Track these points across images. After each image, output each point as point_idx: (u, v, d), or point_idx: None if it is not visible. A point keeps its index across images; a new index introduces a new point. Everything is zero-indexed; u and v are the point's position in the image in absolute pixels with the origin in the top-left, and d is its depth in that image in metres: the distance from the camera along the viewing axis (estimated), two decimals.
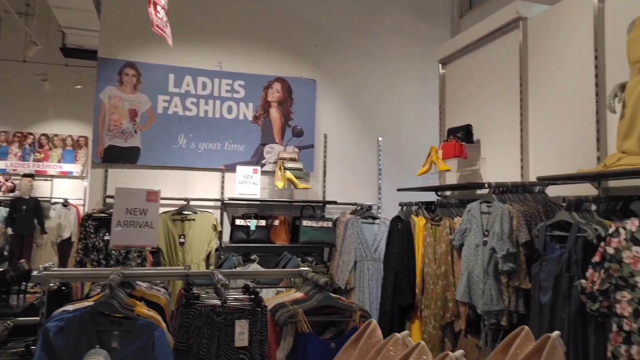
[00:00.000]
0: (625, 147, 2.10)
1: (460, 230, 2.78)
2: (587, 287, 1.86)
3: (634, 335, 1.71)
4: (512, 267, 2.37)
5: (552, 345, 0.90)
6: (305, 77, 4.58)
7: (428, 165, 3.59)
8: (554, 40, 2.90)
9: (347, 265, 3.88)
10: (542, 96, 2.98)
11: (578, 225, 2.04)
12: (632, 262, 1.76)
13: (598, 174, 2.12)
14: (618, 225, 1.85)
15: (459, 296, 2.67)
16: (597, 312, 1.86)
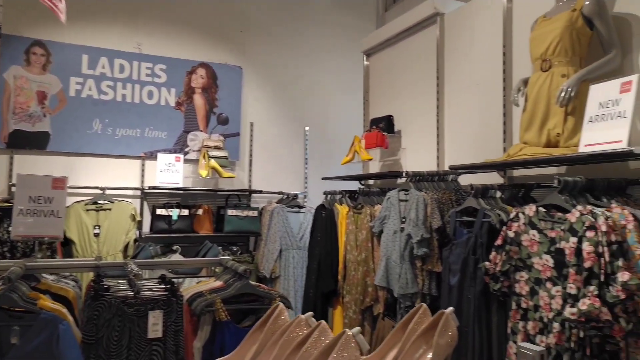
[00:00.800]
0: (526, 138, 2.26)
1: (379, 217, 2.87)
2: (490, 269, 1.99)
3: (530, 312, 1.86)
4: (425, 252, 2.48)
5: (446, 320, 0.95)
6: (231, 63, 4.49)
7: (351, 155, 3.66)
8: (468, 36, 3.05)
9: (273, 254, 3.89)
10: (457, 89, 3.13)
11: (483, 211, 2.17)
12: (529, 244, 1.90)
13: (502, 163, 2.26)
14: (518, 210, 1.99)
15: (377, 281, 2.76)
16: (499, 292, 2.00)
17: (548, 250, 1.81)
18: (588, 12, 2.09)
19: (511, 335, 1.92)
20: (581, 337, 1.63)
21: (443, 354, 0.92)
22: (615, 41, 2.08)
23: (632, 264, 1.59)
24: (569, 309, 1.60)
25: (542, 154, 2.11)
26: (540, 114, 2.18)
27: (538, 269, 1.84)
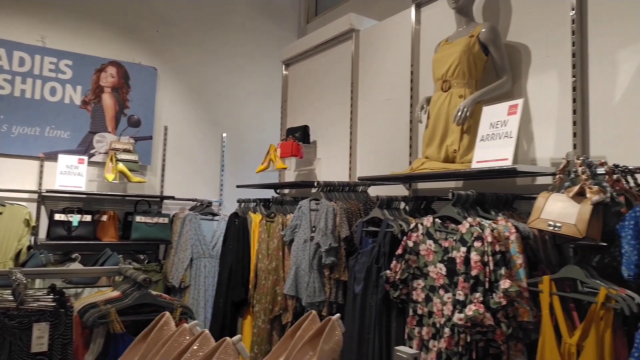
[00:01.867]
0: (427, 153, 2.39)
1: (291, 226, 2.89)
2: (390, 277, 2.07)
3: (425, 318, 1.95)
4: (333, 261, 2.53)
5: (332, 326, 0.97)
6: (145, 63, 4.32)
7: (267, 163, 3.66)
8: (380, 53, 3.18)
9: (183, 262, 3.76)
10: (369, 103, 3.25)
11: (387, 221, 2.26)
12: (426, 253, 2.00)
13: (405, 176, 2.37)
14: (417, 221, 2.09)
15: (286, 290, 2.76)
16: (398, 299, 2.08)
17: (442, 259, 1.92)
18: (484, 39, 2.27)
19: (407, 340, 2.00)
20: (468, 342, 1.75)
21: (327, 359, 0.94)
22: (507, 67, 2.27)
23: (513, 273, 1.73)
24: (457, 315, 1.71)
25: (440, 169, 2.24)
26: (440, 131, 2.31)
27: (433, 277, 1.95)
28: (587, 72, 2.05)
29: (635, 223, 1.42)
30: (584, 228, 1.50)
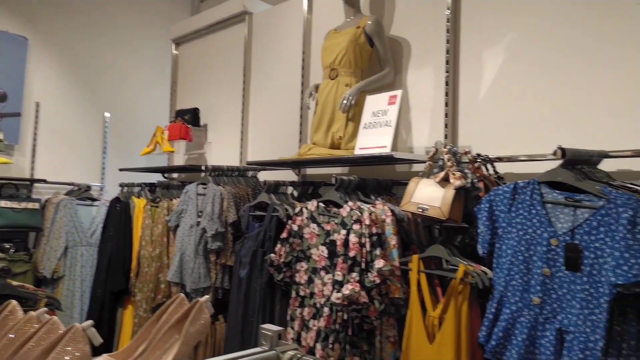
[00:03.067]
0: (315, 139, 2.44)
1: (176, 211, 2.79)
2: (275, 260, 2.09)
3: (307, 299, 2.00)
4: (219, 246, 2.49)
5: (200, 308, 0.96)
6: (13, 32, 3.86)
7: (153, 146, 3.48)
8: (273, 38, 3.17)
9: (56, 251, 3.45)
10: (262, 88, 3.23)
11: (274, 205, 2.27)
12: (310, 237, 2.05)
13: (293, 161, 2.40)
14: (302, 205, 2.13)
15: (170, 277, 2.67)
16: (282, 282, 2.11)
17: (324, 242, 1.98)
18: (369, 30, 2.35)
19: (289, 321, 2.04)
20: (345, 319, 1.83)
21: (193, 341, 0.92)
22: (390, 59, 2.39)
23: (387, 253, 1.84)
24: (335, 294, 1.77)
25: (326, 155, 2.30)
26: (327, 118, 2.37)
27: (315, 259, 2.00)
28: (459, 68, 2.22)
29: (489, 206, 1.58)
30: (447, 210, 1.63)
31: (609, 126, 1.78)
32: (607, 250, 1.30)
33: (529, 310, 1.44)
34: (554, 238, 1.42)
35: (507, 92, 2.06)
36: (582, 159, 1.51)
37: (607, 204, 1.33)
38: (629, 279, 1.23)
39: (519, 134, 2.01)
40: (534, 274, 1.45)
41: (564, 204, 1.43)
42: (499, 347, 1.46)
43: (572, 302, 1.36)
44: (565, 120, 1.89)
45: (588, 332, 1.30)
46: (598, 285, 1.31)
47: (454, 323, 1.58)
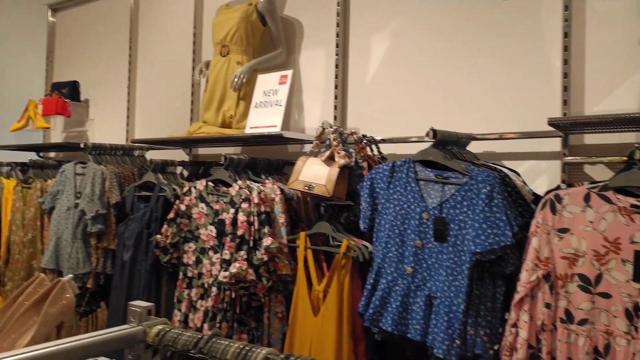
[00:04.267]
0: (205, 118, 2.37)
1: (51, 192, 2.56)
2: (160, 242, 2.02)
3: (194, 280, 1.96)
4: (100, 229, 2.34)
5: (61, 288, 0.89)
6: None
7: (24, 121, 3.15)
8: (163, 12, 3.01)
9: None
10: (150, 63, 3.06)
11: (160, 185, 2.18)
12: (198, 217, 2.01)
13: (182, 139, 2.32)
14: (190, 185, 2.07)
15: (44, 263, 2.46)
16: (169, 264, 2.05)
17: (213, 222, 1.95)
18: (261, 8, 2.33)
19: (177, 303, 1.99)
20: (233, 298, 1.82)
21: (53, 322, 0.86)
22: (282, 39, 2.39)
23: (276, 231, 1.86)
24: (222, 273, 1.76)
25: (216, 133, 2.25)
26: (218, 96, 2.32)
27: (204, 239, 1.97)
28: (348, 51, 2.29)
29: (370, 184, 1.66)
30: (332, 188, 1.69)
31: (477, 111, 1.95)
32: (469, 222, 1.44)
33: (402, 280, 1.55)
34: (425, 212, 1.53)
35: (391, 77, 2.16)
36: (451, 140, 1.64)
37: (470, 181, 1.46)
38: (485, 247, 1.37)
39: (402, 117, 2.13)
40: (407, 246, 1.56)
41: (434, 181, 1.55)
42: (376, 315, 1.56)
43: (439, 270, 1.49)
44: (442, 105, 2.04)
45: (452, 297, 1.44)
46: (461, 254, 1.44)
47: (336, 295, 1.65)
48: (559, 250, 1.30)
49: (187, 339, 0.76)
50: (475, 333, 1.40)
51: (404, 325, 1.52)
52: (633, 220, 1.22)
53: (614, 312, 1.22)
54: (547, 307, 1.29)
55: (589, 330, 1.24)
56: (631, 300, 1.20)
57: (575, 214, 1.30)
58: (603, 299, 1.23)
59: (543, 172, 1.81)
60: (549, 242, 1.32)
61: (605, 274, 1.24)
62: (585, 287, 1.26)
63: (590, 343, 1.23)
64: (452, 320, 1.42)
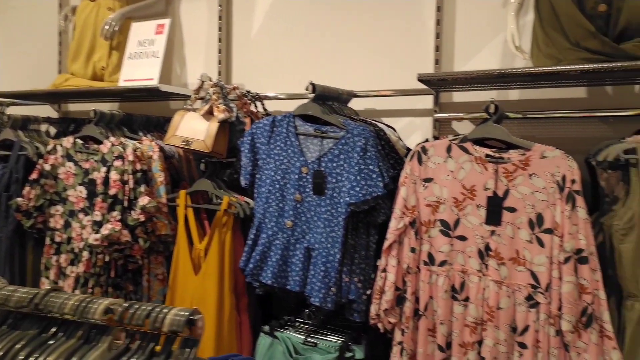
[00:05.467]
0: (73, 69, 2.16)
1: None
2: (22, 205, 1.83)
3: (64, 245, 1.82)
4: None
5: None
6: None
7: None
8: None
9: None
10: (8, 7, 2.69)
11: (20, 143, 1.96)
12: (65, 177, 1.84)
13: (46, 93, 2.09)
14: (56, 142, 1.88)
15: None
16: (34, 229, 1.87)
17: (82, 182, 1.80)
18: None
19: (44, 271, 1.84)
20: (107, 261, 1.72)
21: None
22: None
23: (154, 190, 1.77)
24: (93, 236, 1.64)
25: (85, 86, 2.06)
26: (87, 45, 2.11)
27: (72, 201, 1.81)
28: (232, 4, 2.19)
29: (251, 139, 1.63)
30: (211, 143, 1.63)
31: (359, 70, 1.99)
32: (345, 174, 1.47)
33: (282, 234, 1.56)
34: (304, 166, 1.55)
35: (277, 32, 2.12)
36: (332, 96, 1.66)
37: (347, 134, 1.49)
38: (359, 198, 1.42)
39: (288, 73, 2.10)
40: (287, 200, 1.57)
41: (314, 135, 1.56)
42: (256, 270, 1.56)
43: (317, 222, 1.52)
44: (327, 63, 2.04)
45: (329, 247, 1.48)
46: (337, 206, 1.48)
47: (217, 253, 1.63)
48: (423, 199, 1.39)
49: (21, 295, 0.69)
50: (349, 280, 1.47)
51: (284, 278, 1.55)
52: (487, 169, 1.33)
53: (469, 253, 1.33)
54: (412, 252, 1.37)
55: (448, 270, 1.35)
56: (483, 242, 1.32)
57: (439, 164, 1.39)
58: (460, 241, 1.35)
59: (417, 128, 1.91)
60: (415, 191, 1.40)
61: (462, 218, 1.35)
62: (445, 232, 1.36)
63: (448, 282, 1.34)
64: (328, 270, 1.47)
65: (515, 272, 1.28)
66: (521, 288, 1.26)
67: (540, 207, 1.26)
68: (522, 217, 1.28)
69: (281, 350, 1.56)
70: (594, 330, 1.18)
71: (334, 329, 1.62)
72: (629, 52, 1.28)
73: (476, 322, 1.29)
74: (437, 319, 1.34)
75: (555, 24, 1.39)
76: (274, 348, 1.57)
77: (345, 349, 1.49)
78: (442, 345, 1.33)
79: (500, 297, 1.28)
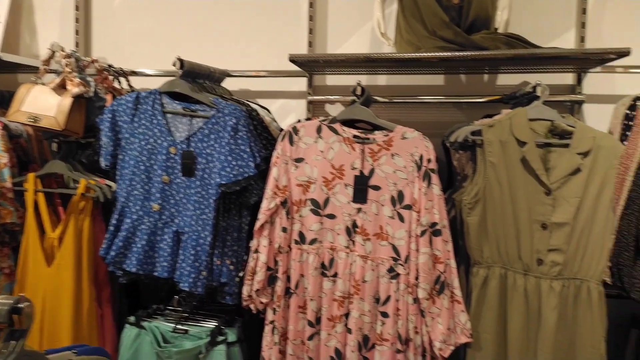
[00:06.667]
0: None
1: None
2: None
3: None
4: None
5: None
6: None
7: None
8: None
9: None
10: None
11: None
12: None
13: None
14: None
15: None
16: None
17: None
18: None
19: None
20: None
21: None
22: None
23: None
24: None
25: None
26: None
27: None
28: None
29: (112, 117, 1.50)
30: (64, 120, 1.47)
31: (235, 49, 1.93)
32: (216, 155, 1.43)
33: (149, 218, 1.47)
34: (172, 147, 1.46)
35: (143, 2, 1.97)
36: (202, 74, 1.59)
37: (217, 113, 1.44)
38: (230, 178, 1.39)
39: (158, 51, 1.97)
40: (154, 182, 1.47)
41: (182, 114, 1.48)
42: (119, 257, 1.45)
43: (187, 205, 1.45)
44: (202, 41, 1.95)
45: (200, 230, 1.43)
46: (208, 187, 1.43)
47: (74, 241, 1.48)
48: (295, 179, 1.40)
49: None
50: (221, 263, 1.43)
51: (151, 265, 1.46)
52: (354, 149, 1.38)
53: (338, 230, 1.37)
54: (284, 231, 1.38)
55: (318, 248, 1.38)
56: (350, 219, 1.36)
57: (309, 145, 1.40)
58: (329, 219, 1.38)
59: (292, 110, 1.92)
60: (286, 171, 1.40)
61: (331, 197, 1.38)
62: (316, 211, 1.38)
63: (318, 259, 1.37)
64: (199, 254, 1.42)
65: (379, 247, 1.34)
66: (384, 261, 1.33)
67: (401, 185, 1.34)
68: (385, 195, 1.35)
69: (148, 340, 1.47)
70: (445, 297, 1.29)
71: (208, 314, 1.58)
72: (477, 43, 1.40)
73: (344, 296, 1.34)
74: (307, 295, 1.37)
75: (415, 13, 1.47)
76: (141, 339, 1.48)
77: (218, 333, 1.46)
78: (312, 320, 1.36)
79: (366, 271, 1.34)
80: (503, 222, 1.31)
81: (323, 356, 1.36)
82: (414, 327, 1.30)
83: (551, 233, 1.28)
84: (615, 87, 1.68)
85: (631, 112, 1.39)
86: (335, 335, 1.35)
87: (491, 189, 1.31)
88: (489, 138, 1.32)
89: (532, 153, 1.28)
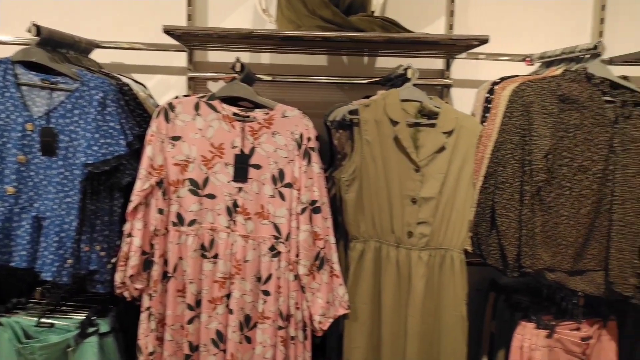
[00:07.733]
0: None
1: None
2: None
3: None
4: None
5: None
6: None
7: None
8: None
9: None
10: None
11: None
12: None
13: None
14: None
15: None
16: None
17: None
18: None
19: None
20: None
21: None
22: None
23: None
24: None
25: None
26: None
27: None
28: None
29: None
30: None
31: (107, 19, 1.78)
32: (81, 132, 1.30)
33: (2, 202, 1.31)
34: (29, 123, 1.31)
35: None
36: (65, 43, 1.45)
37: (82, 87, 1.31)
38: (98, 158, 1.28)
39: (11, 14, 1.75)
40: (8, 163, 1.31)
41: (40, 87, 1.33)
42: None
43: (48, 187, 1.32)
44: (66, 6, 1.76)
45: (64, 215, 1.30)
46: (73, 168, 1.31)
47: None
48: (171, 158, 1.33)
49: None
50: (90, 249, 1.33)
51: (7, 254, 1.31)
52: (234, 127, 1.34)
53: (218, 211, 1.34)
54: (160, 213, 1.31)
55: (197, 229, 1.34)
56: (231, 199, 1.34)
57: (187, 122, 1.34)
58: (209, 199, 1.34)
59: (172, 87, 1.83)
60: (162, 150, 1.33)
61: (211, 177, 1.34)
62: (194, 191, 1.34)
63: (198, 241, 1.33)
64: (63, 240, 1.30)
65: (260, 226, 1.34)
66: (265, 240, 1.33)
67: (281, 164, 1.34)
68: (266, 174, 1.34)
69: (7, 337, 1.33)
70: (325, 272, 1.33)
71: (78, 305, 1.46)
72: (354, 24, 1.44)
73: (225, 276, 1.32)
74: (186, 278, 1.32)
75: None
76: None
77: (88, 324, 1.36)
78: (191, 304, 1.32)
79: (247, 250, 1.33)
80: (377, 198, 1.37)
81: (204, 339, 1.33)
82: (295, 304, 1.33)
83: (420, 207, 1.37)
84: (479, 73, 1.83)
85: (490, 96, 1.52)
86: (217, 317, 1.33)
87: (367, 166, 1.37)
88: (365, 117, 1.37)
89: (403, 132, 1.35)
